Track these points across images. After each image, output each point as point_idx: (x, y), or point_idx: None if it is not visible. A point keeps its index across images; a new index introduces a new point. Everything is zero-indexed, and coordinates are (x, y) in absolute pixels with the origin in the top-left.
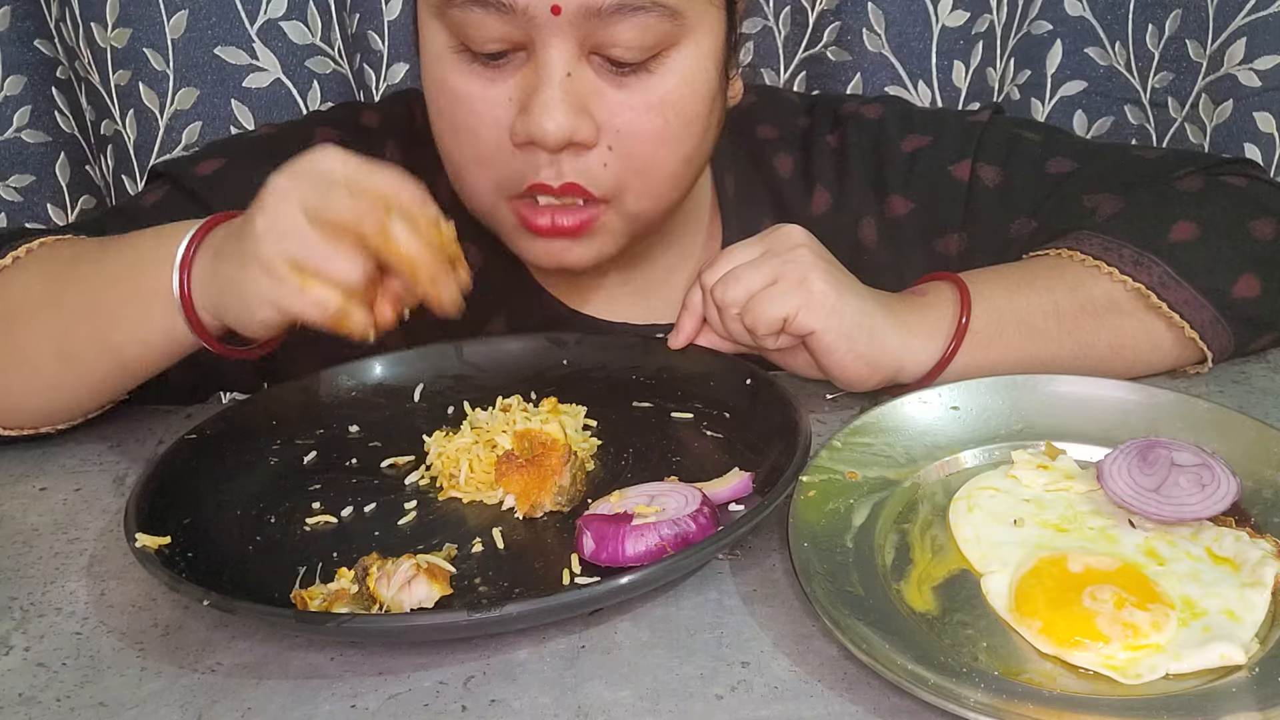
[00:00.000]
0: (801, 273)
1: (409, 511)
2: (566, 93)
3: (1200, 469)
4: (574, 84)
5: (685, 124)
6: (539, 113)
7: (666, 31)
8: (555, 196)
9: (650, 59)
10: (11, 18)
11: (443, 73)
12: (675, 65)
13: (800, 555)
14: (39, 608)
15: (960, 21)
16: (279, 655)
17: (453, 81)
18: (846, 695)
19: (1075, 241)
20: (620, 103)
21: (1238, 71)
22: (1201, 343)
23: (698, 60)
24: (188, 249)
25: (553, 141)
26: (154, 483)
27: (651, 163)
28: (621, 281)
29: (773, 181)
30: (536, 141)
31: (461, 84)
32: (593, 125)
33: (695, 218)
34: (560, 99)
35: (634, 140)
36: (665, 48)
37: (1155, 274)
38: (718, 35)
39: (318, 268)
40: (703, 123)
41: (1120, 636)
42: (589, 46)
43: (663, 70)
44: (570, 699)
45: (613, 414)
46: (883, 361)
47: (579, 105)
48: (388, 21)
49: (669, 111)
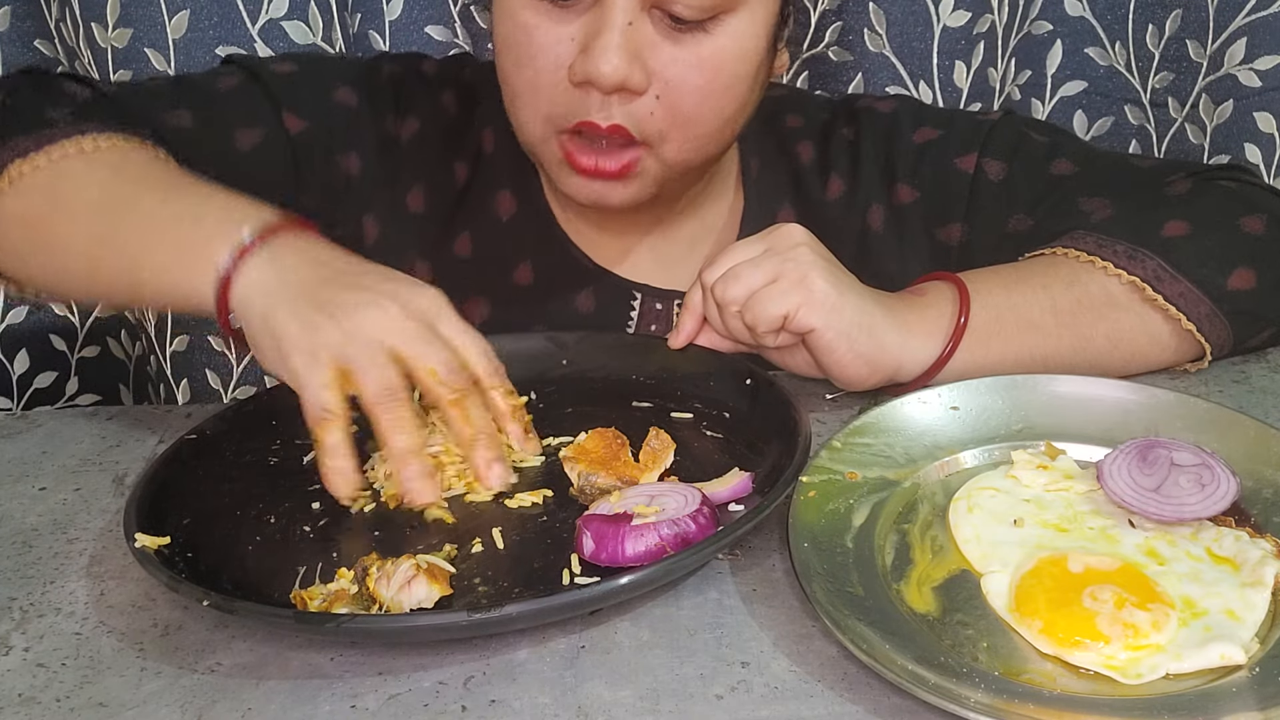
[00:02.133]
0: (802, 271)
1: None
2: (626, 39)
3: (1200, 469)
4: (634, 33)
5: (730, 84)
6: (598, 55)
7: None
8: (602, 136)
9: (708, 19)
10: (11, 18)
11: (515, 8)
12: (730, 28)
13: (800, 555)
14: (39, 608)
15: (961, 22)
16: (279, 655)
17: (523, 16)
18: (846, 695)
19: (1070, 240)
20: (674, 57)
21: (1238, 71)
22: (1199, 335)
23: (751, 26)
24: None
25: (608, 83)
26: (154, 483)
27: (694, 116)
28: (647, 247)
29: (794, 167)
30: (592, 81)
31: (531, 18)
32: (645, 74)
33: (720, 193)
34: (619, 44)
35: (681, 93)
36: (724, 10)
37: (1150, 268)
38: (774, 4)
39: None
40: (746, 85)
41: (1121, 636)
42: (651, 1)
43: (718, 31)
44: (570, 699)
45: (613, 414)
46: (882, 360)
47: (635, 53)
48: (389, 21)
49: (717, 71)
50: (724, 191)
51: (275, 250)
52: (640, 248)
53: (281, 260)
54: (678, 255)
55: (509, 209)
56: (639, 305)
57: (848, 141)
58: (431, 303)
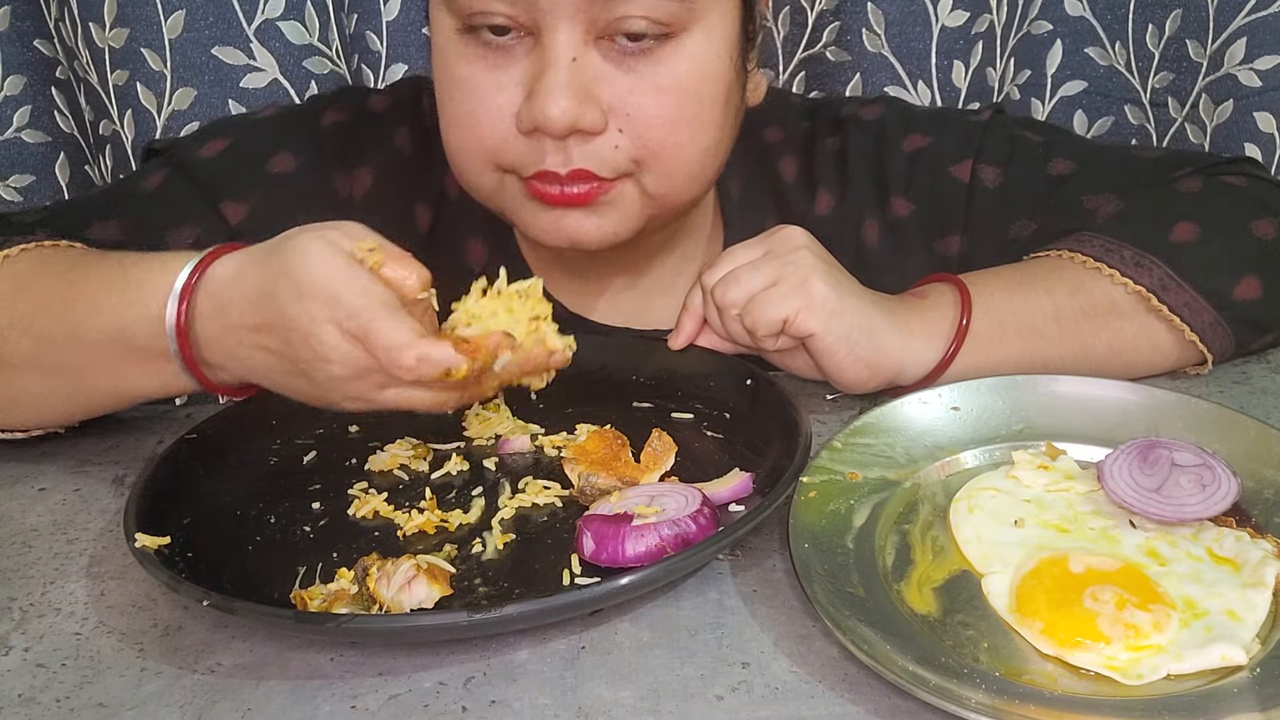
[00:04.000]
0: (802, 275)
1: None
2: (572, 77)
3: (1201, 469)
4: (580, 69)
5: (699, 109)
6: (543, 98)
7: (674, 15)
8: (563, 185)
9: (658, 44)
10: (11, 18)
11: (449, 59)
12: (686, 50)
13: (801, 556)
14: (38, 608)
15: (960, 21)
16: (279, 656)
17: (458, 67)
18: (847, 696)
19: (1076, 243)
20: (630, 87)
21: (1238, 71)
22: (1201, 345)
23: (709, 45)
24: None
25: (557, 127)
26: (154, 483)
27: (666, 146)
28: (623, 286)
29: (777, 185)
30: (541, 128)
31: (465, 69)
32: (599, 111)
33: (698, 222)
34: (565, 84)
35: (645, 123)
36: (674, 31)
37: (1156, 276)
38: (732, 23)
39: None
40: (718, 110)
41: (1121, 637)
42: (595, 31)
43: (672, 55)
44: (570, 699)
45: (613, 414)
46: (883, 364)
47: (584, 91)
48: (386, 22)
49: (681, 96)
50: (700, 220)
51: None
52: (617, 289)
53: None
54: (657, 291)
55: (480, 258)
56: None
57: (833, 152)
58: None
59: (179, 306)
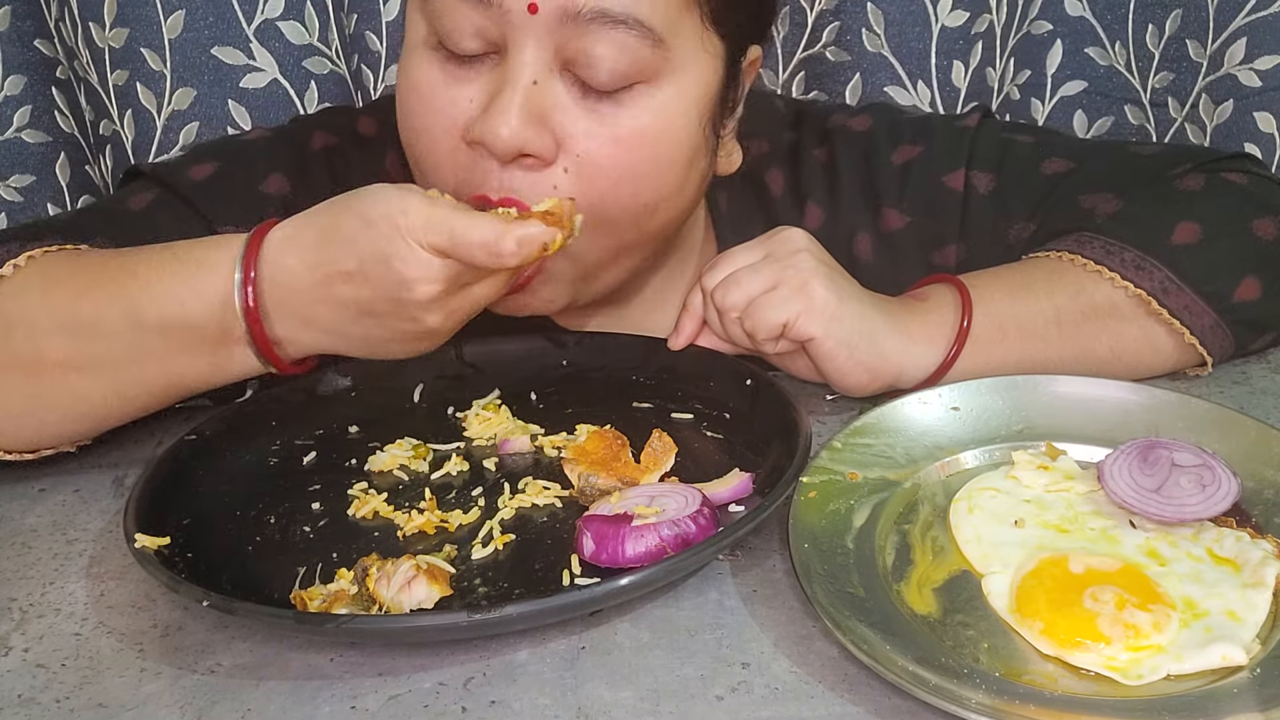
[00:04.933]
0: (802, 278)
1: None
2: (528, 99)
3: (1201, 469)
4: (539, 93)
5: (654, 168)
6: (495, 115)
7: (646, 60)
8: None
9: (624, 89)
10: (11, 18)
11: (412, 66)
12: (652, 103)
13: (801, 556)
14: (38, 608)
15: (960, 21)
16: (279, 656)
17: (419, 76)
18: (847, 696)
19: (1077, 244)
20: (589, 130)
21: (1238, 71)
22: (1201, 348)
23: (679, 104)
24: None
25: (502, 146)
26: (154, 483)
27: (608, 199)
28: (614, 308)
29: (764, 198)
30: (486, 144)
31: (425, 78)
32: (550, 141)
33: (688, 237)
34: (519, 104)
35: (593, 169)
36: (643, 79)
37: (1157, 279)
38: (708, 85)
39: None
40: (676, 173)
41: (1122, 637)
42: (562, 59)
43: (637, 105)
44: (570, 700)
45: (613, 414)
46: (883, 368)
47: (539, 116)
48: (385, 22)
49: (638, 150)
50: (691, 234)
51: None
52: (607, 312)
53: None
54: (647, 308)
55: None
56: None
57: (821, 164)
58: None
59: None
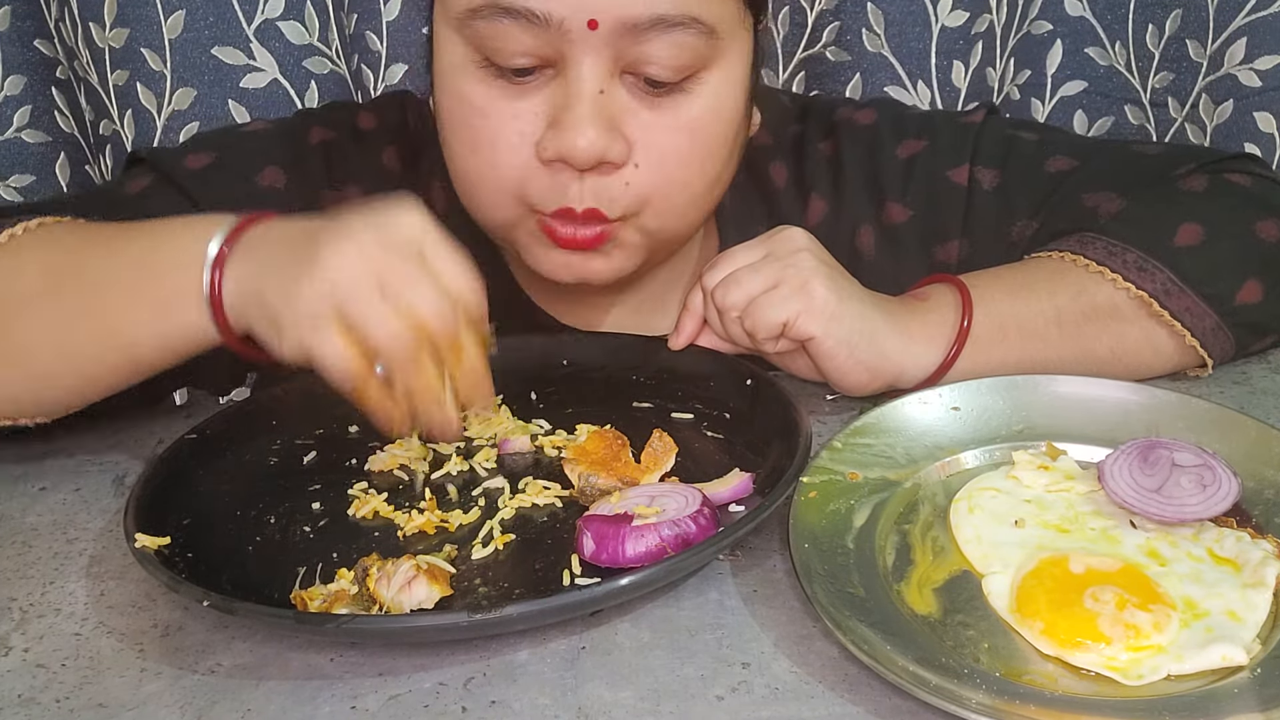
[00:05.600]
0: (803, 278)
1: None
2: (599, 109)
3: (1201, 469)
4: (606, 101)
5: (712, 147)
6: (571, 128)
7: (701, 51)
8: (576, 226)
9: (684, 80)
10: (11, 18)
11: (462, 86)
12: (707, 87)
13: (801, 556)
14: (38, 608)
15: (960, 21)
16: (279, 656)
17: (474, 95)
18: (847, 696)
19: (1079, 244)
20: (652, 122)
21: (1238, 71)
22: (1202, 350)
23: (728, 84)
24: (221, 249)
25: (584, 158)
26: (154, 483)
27: (674, 183)
28: (617, 303)
29: (768, 190)
30: (567, 158)
31: (483, 96)
32: (624, 144)
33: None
34: (594, 115)
35: (661, 160)
36: (699, 69)
37: (1159, 281)
38: (746, 59)
39: (361, 325)
40: (728, 147)
41: (1122, 637)
42: (622, 65)
43: (695, 91)
44: (570, 700)
45: (613, 414)
46: (883, 368)
47: (611, 123)
48: (386, 22)
49: (698, 134)
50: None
51: (246, 247)
52: (609, 304)
53: (255, 252)
54: (650, 303)
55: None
56: None
57: (826, 158)
58: (414, 227)
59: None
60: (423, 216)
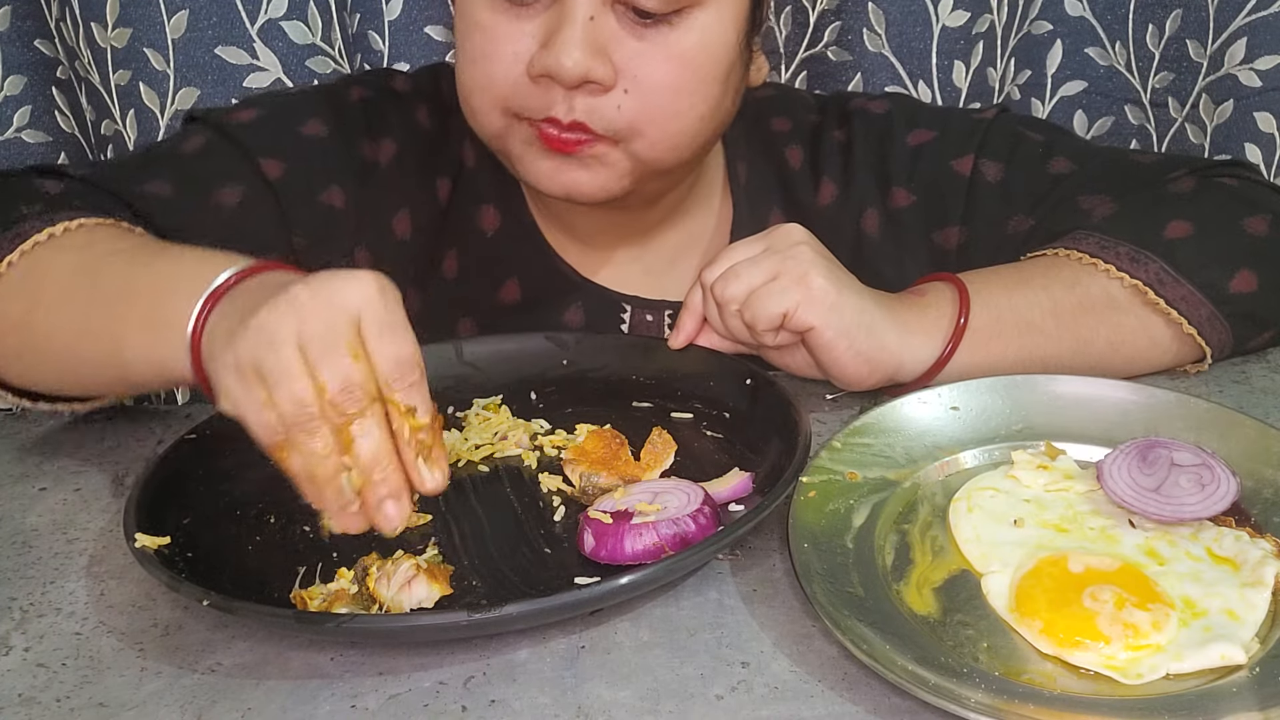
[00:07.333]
0: (802, 269)
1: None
2: (587, 33)
3: (1200, 469)
4: (595, 27)
5: (702, 81)
6: (559, 49)
7: None
8: (561, 131)
9: (672, 13)
10: (11, 18)
11: (472, 8)
12: (696, 23)
13: (800, 555)
14: (39, 608)
15: (960, 21)
16: (279, 655)
17: (481, 16)
18: (847, 695)
19: (1072, 241)
20: (639, 51)
21: (1238, 71)
22: (1200, 339)
23: (719, 23)
24: (224, 283)
25: (568, 77)
26: (154, 483)
27: (666, 112)
28: (632, 258)
29: (783, 171)
30: (553, 75)
31: (489, 17)
32: (610, 68)
33: (706, 201)
34: (580, 37)
35: (650, 87)
36: (688, 5)
37: (1152, 270)
38: (742, 6)
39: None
40: (720, 86)
41: (1121, 637)
42: None
43: (684, 26)
44: (570, 699)
45: (613, 414)
46: (881, 359)
47: (597, 47)
48: (388, 21)
49: (686, 66)
50: (709, 198)
51: (243, 289)
52: (625, 258)
53: (239, 297)
54: (664, 264)
55: (493, 223)
56: (629, 317)
57: (839, 144)
58: (360, 294)
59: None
60: (375, 288)
